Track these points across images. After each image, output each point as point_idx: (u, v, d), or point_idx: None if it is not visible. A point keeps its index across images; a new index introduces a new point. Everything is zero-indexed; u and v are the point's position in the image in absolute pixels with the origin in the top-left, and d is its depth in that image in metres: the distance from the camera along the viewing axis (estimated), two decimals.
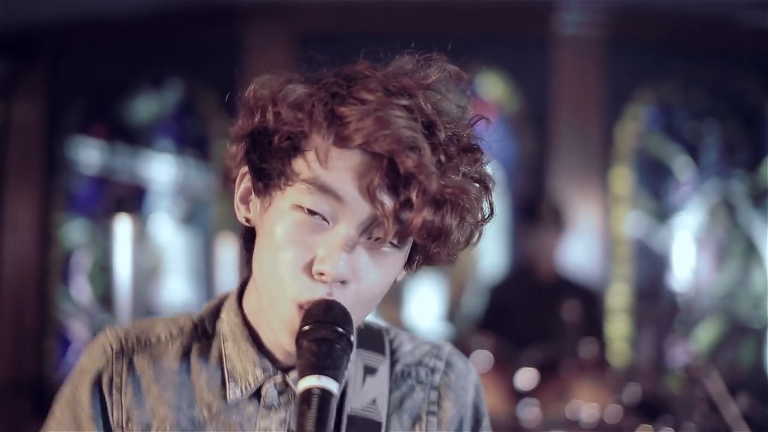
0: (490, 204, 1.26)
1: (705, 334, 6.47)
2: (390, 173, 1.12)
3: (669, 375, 5.99)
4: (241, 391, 1.30)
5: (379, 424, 1.33)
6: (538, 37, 6.28)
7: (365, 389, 1.35)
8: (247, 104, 1.20)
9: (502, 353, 4.55)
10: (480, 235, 1.28)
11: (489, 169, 1.25)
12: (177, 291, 6.69)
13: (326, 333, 1.12)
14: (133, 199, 6.70)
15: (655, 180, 6.61)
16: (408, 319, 5.87)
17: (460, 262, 1.31)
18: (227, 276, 5.46)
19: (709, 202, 6.57)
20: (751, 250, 6.60)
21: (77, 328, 6.70)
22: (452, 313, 6.35)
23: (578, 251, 5.97)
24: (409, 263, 1.29)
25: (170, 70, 6.72)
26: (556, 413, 4.14)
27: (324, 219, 1.16)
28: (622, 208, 6.41)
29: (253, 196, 1.27)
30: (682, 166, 6.59)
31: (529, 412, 4.23)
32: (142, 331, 1.37)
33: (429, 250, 1.23)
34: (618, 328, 6.25)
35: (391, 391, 1.37)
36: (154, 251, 6.63)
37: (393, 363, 1.40)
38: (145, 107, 6.78)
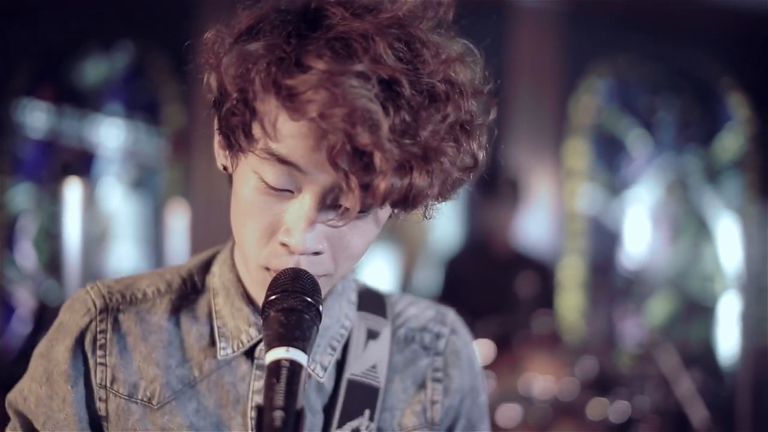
0: (473, 151, 1.14)
1: (657, 310, 6.51)
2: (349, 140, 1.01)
3: (622, 349, 6.03)
4: (233, 350, 1.26)
5: (377, 390, 1.29)
6: (496, 9, 6.23)
7: (366, 354, 1.32)
8: (200, 65, 1.14)
9: None
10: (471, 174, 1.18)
11: (473, 106, 1.13)
12: (125, 258, 6.58)
13: (294, 303, 1.06)
14: (80, 163, 6.57)
15: (609, 154, 6.63)
16: None
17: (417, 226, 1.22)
18: (177, 243, 5.36)
19: (664, 178, 6.61)
20: (702, 228, 6.65)
21: (21, 295, 6.56)
22: (404, 285, 6.32)
23: (532, 225, 5.96)
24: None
25: (120, 31, 6.56)
26: (510, 386, 4.12)
27: (288, 190, 1.09)
28: (577, 181, 6.41)
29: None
30: (636, 140, 6.61)
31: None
32: (127, 287, 1.33)
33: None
34: (572, 302, 6.27)
35: (392, 355, 1.33)
36: (102, 217, 6.51)
37: (396, 327, 1.37)
38: (94, 70, 6.64)
